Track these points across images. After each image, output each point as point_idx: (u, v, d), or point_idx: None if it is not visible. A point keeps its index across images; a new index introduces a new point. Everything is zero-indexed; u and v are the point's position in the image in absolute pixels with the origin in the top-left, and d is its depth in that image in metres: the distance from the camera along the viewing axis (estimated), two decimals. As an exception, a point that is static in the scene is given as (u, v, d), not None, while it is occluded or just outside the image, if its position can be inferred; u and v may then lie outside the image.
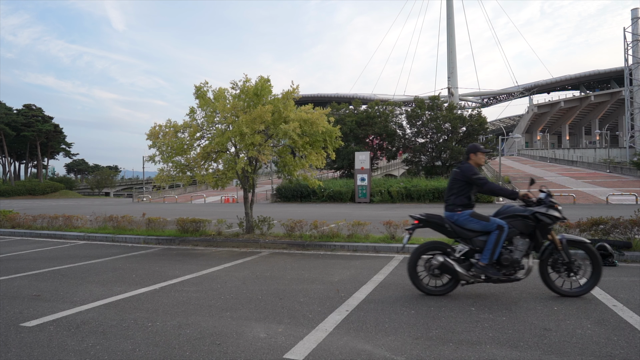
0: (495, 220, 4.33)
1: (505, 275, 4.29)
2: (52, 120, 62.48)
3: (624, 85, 60.81)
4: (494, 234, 4.24)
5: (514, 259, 4.26)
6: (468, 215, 4.40)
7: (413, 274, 4.52)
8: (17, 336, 3.39)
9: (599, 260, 4.31)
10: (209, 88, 9.08)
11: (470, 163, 4.63)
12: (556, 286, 4.41)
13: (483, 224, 4.33)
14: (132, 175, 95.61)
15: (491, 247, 4.22)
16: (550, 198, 4.44)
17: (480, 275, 4.30)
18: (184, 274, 5.77)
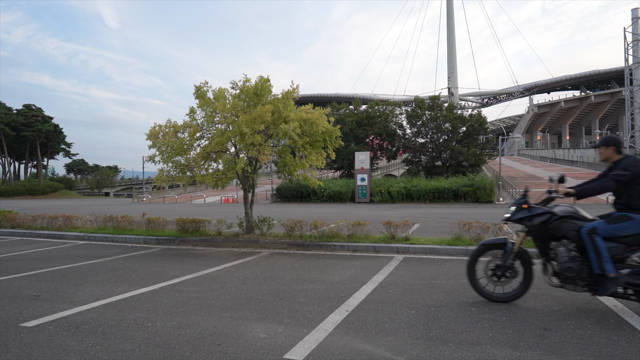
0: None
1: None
2: (51, 120, 62.49)
3: (624, 85, 60.82)
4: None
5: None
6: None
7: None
8: (17, 336, 3.38)
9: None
10: (209, 88, 9.08)
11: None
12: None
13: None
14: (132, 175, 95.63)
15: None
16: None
17: None
18: (183, 274, 5.76)
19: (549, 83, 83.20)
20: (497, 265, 4.28)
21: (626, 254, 3.75)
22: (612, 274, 3.65)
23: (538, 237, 4.15)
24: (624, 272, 3.66)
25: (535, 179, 38.88)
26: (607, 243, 3.76)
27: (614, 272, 3.65)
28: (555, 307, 4.01)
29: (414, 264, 6.37)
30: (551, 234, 4.06)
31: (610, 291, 3.70)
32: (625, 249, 3.75)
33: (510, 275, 4.27)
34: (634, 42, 57.33)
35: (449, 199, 26.58)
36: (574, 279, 3.87)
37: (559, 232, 4.00)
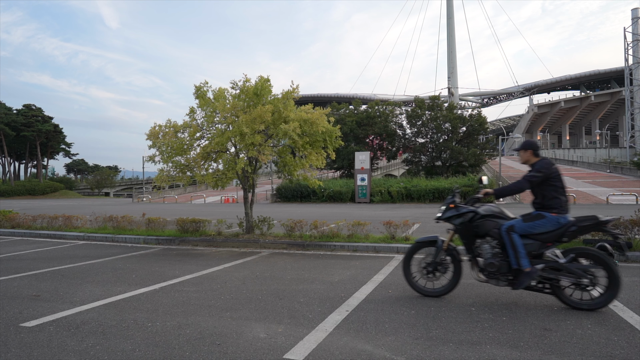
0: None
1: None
2: (51, 120, 62.47)
3: (624, 85, 60.81)
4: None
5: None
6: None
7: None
8: (17, 336, 3.38)
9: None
10: (209, 88, 9.08)
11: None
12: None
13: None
14: (132, 175, 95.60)
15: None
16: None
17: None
18: (184, 274, 5.76)
19: (549, 83, 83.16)
20: (429, 261, 4.52)
21: (542, 250, 4.03)
22: (527, 269, 3.93)
23: (464, 235, 4.40)
24: (539, 267, 3.94)
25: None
26: (525, 240, 4.03)
27: (529, 267, 3.93)
28: (555, 307, 4.01)
29: (414, 264, 6.36)
30: (476, 232, 4.32)
31: (526, 284, 3.98)
32: (541, 245, 4.03)
33: (441, 271, 4.50)
34: (634, 42, 57.32)
35: (449, 199, 26.55)
36: (496, 274, 4.13)
37: (482, 230, 4.27)
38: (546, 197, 4.08)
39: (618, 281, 3.79)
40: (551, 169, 4.07)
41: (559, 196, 4.04)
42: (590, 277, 3.85)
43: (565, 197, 4.08)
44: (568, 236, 3.99)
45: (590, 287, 3.86)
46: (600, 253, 3.90)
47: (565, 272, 3.91)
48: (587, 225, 3.95)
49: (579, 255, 4.00)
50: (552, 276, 3.94)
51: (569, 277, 3.90)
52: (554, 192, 4.05)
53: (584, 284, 3.85)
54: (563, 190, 4.09)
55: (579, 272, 3.86)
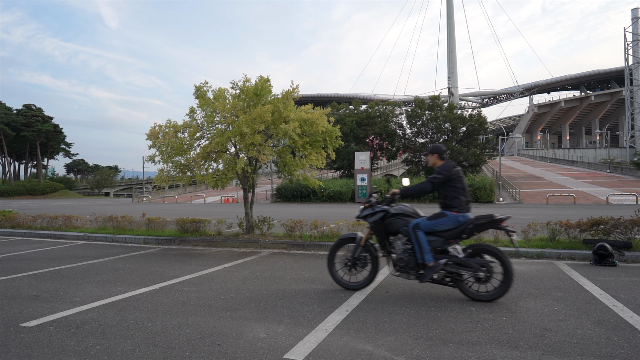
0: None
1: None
2: (51, 120, 62.47)
3: (624, 85, 60.81)
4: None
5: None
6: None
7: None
8: (17, 336, 3.38)
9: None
10: (209, 88, 9.08)
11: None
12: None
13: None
14: (132, 175, 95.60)
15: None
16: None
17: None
18: (184, 274, 5.76)
19: (549, 83, 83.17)
20: (349, 257, 4.85)
21: (445, 246, 4.37)
22: (431, 263, 4.27)
23: (378, 232, 4.69)
24: (441, 262, 4.27)
25: (536, 179, 38.89)
26: (430, 237, 4.36)
27: (432, 262, 4.27)
28: (556, 307, 4.01)
29: (414, 264, 6.36)
30: (388, 230, 4.63)
31: (429, 278, 4.30)
32: (445, 242, 4.36)
33: (360, 266, 4.82)
34: (634, 42, 57.33)
35: (449, 199, 26.56)
36: (405, 268, 4.45)
37: (393, 227, 4.58)
38: (447, 197, 4.40)
39: (511, 274, 4.12)
40: (452, 172, 4.40)
41: (459, 196, 4.36)
42: (486, 270, 4.18)
43: (465, 197, 4.40)
44: (467, 233, 4.32)
45: (486, 280, 4.19)
46: (497, 249, 4.27)
47: (464, 266, 4.23)
48: (484, 223, 4.29)
49: (480, 250, 4.32)
50: (454, 270, 4.25)
51: (468, 270, 4.21)
52: (454, 193, 4.37)
53: (481, 277, 4.18)
54: (463, 191, 4.41)
55: (476, 266, 4.19)
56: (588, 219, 7.21)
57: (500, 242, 7.42)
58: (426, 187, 4.51)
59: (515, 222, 11.07)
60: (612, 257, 6.10)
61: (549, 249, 6.88)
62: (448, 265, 4.27)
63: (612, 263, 6.06)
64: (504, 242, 7.37)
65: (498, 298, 4.20)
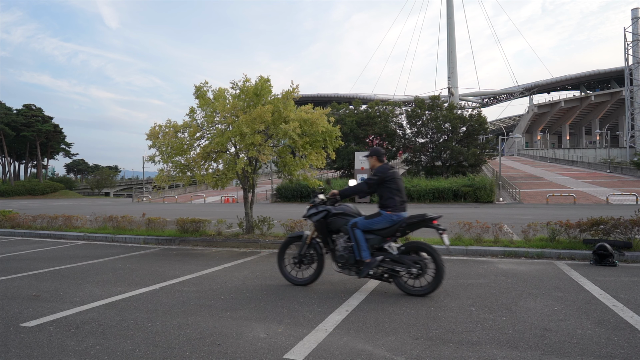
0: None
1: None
2: (51, 120, 62.46)
3: (624, 85, 60.80)
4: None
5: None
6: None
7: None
8: (17, 336, 3.38)
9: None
10: (209, 88, 9.08)
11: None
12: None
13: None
14: (132, 175, 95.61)
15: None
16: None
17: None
18: (184, 274, 5.76)
19: (549, 83, 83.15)
20: (296, 254, 5.09)
21: (382, 243, 4.60)
22: (368, 260, 4.52)
23: (321, 231, 4.93)
24: (378, 259, 4.51)
25: (536, 179, 38.88)
26: (368, 235, 4.59)
27: (369, 258, 4.52)
28: (555, 307, 4.01)
29: (414, 264, 6.36)
30: (330, 228, 4.87)
31: (366, 273, 4.54)
32: (382, 239, 4.59)
33: (307, 263, 5.06)
34: (634, 42, 57.32)
35: (449, 199, 26.59)
36: (346, 264, 4.70)
37: (334, 226, 4.84)
38: (383, 197, 4.64)
39: (442, 270, 4.37)
40: (386, 174, 4.63)
41: (394, 197, 4.59)
42: (418, 266, 4.43)
43: (400, 198, 4.63)
44: (401, 231, 4.57)
45: (420, 275, 4.44)
46: (429, 246, 4.50)
47: (399, 263, 4.47)
48: (416, 221, 4.54)
49: (414, 248, 4.56)
50: (389, 266, 4.50)
51: (402, 266, 4.46)
52: (389, 193, 4.60)
53: (414, 273, 4.42)
54: (398, 192, 4.63)
55: (410, 263, 4.44)
56: (588, 219, 7.21)
57: (500, 241, 7.42)
58: (362, 187, 4.83)
59: (515, 222, 11.08)
60: (612, 257, 6.10)
61: (549, 249, 6.88)
62: (385, 262, 4.51)
63: (612, 263, 6.06)
64: (504, 242, 7.37)
65: (430, 293, 4.43)
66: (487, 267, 6.07)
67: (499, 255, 6.93)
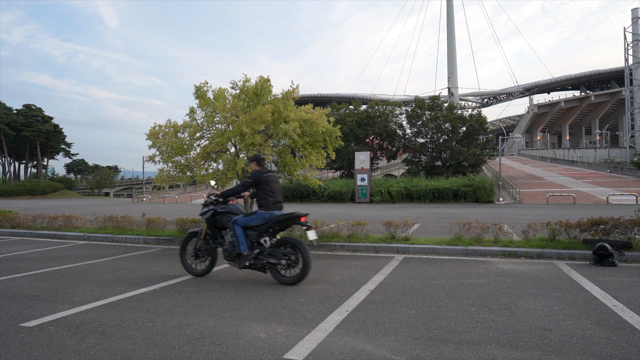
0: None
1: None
2: (51, 120, 62.46)
3: (624, 85, 60.79)
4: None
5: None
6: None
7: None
8: (17, 336, 3.38)
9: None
10: (209, 88, 9.09)
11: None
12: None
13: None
14: (132, 175, 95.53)
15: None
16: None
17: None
18: (184, 274, 5.76)
19: (549, 83, 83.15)
20: (193, 248, 5.65)
21: (259, 239, 5.18)
22: (245, 253, 5.09)
23: (210, 227, 5.52)
24: (255, 252, 5.06)
25: (536, 179, 38.89)
26: (248, 231, 5.17)
27: (247, 251, 5.09)
28: (555, 307, 4.01)
29: (414, 264, 6.37)
30: (217, 225, 5.45)
31: (244, 264, 5.09)
32: (259, 235, 5.17)
33: (202, 256, 5.60)
34: (634, 42, 57.33)
35: (449, 199, 26.58)
36: (230, 256, 5.27)
37: (221, 223, 5.42)
38: (259, 197, 5.25)
39: (307, 262, 4.88)
40: (260, 177, 5.24)
41: (267, 197, 5.19)
42: (287, 258, 4.96)
43: (273, 198, 5.22)
44: (273, 228, 5.14)
45: (290, 267, 4.98)
46: (297, 241, 5.01)
47: (272, 255, 5.02)
48: (285, 219, 5.12)
49: (284, 243, 5.09)
50: (264, 258, 5.04)
51: (274, 258, 4.99)
52: (263, 194, 5.21)
53: (283, 264, 4.96)
54: (272, 193, 5.22)
55: (280, 255, 4.98)
56: (588, 219, 7.21)
57: (500, 241, 7.42)
58: (239, 188, 5.46)
59: (515, 222, 11.08)
60: (612, 257, 6.10)
61: (549, 249, 6.88)
62: (261, 255, 5.05)
63: (612, 263, 6.06)
64: (504, 242, 7.37)
65: (298, 282, 4.96)
66: (487, 267, 6.07)
67: (499, 255, 6.93)
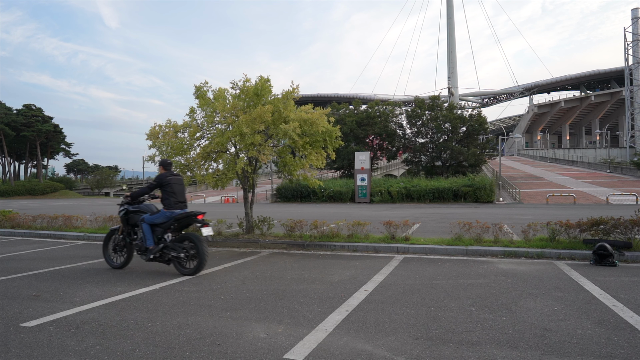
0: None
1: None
2: (51, 120, 62.45)
3: (624, 85, 60.80)
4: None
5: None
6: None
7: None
8: (17, 336, 3.38)
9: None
10: (209, 88, 9.08)
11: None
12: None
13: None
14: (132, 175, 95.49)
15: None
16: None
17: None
18: (184, 274, 5.76)
19: (549, 83, 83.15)
20: (113, 244, 6.34)
21: (164, 235, 5.81)
22: (151, 247, 5.75)
23: (125, 224, 6.17)
24: (160, 246, 5.71)
25: (536, 179, 38.89)
26: (156, 228, 5.81)
27: (152, 246, 5.75)
28: (555, 307, 4.01)
29: (414, 264, 6.37)
30: (130, 222, 6.11)
31: (150, 256, 5.74)
32: (164, 231, 5.81)
33: (119, 250, 6.27)
34: (634, 42, 57.33)
35: (449, 199, 26.58)
36: (140, 250, 5.91)
37: (133, 220, 6.09)
38: (162, 198, 5.88)
39: (203, 256, 5.52)
40: (163, 180, 5.85)
41: (169, 198, 5.81)
42: (186, 252, 5.61)
43: (175, 199, 5.84)
44: (174, 225, 5.78)
45: (189, 259, 5.63)
46: (194, 236, 5.60)
47: (172, 249, 5.64)
48: (184, 217, 5.76)
49: (184, 238, 5.69)
50: (167, 252, 5.67)
51: (175, 252, 5.62)
52: (166, 195, 5.82)
53: (182, 257, 5.59)
54: (173, 194, 5.84)
55: (180, 249, 5.61)
56: (588, 219, 7.21)
57: (500, 241, 7.42)
58: (144, 190, 6.13)
59: (515, 222, 11.09)
60: (612, 257, 6.10)
61: (549, 249, 6.88)
62: (166, 249, 5.67)
63: (612, 263, 6.06)
64: (504, 242, 7.37)
65: (195, 273, 5.58)
66: (487, 267, 6.07)
67: (499, 255, 6.93)
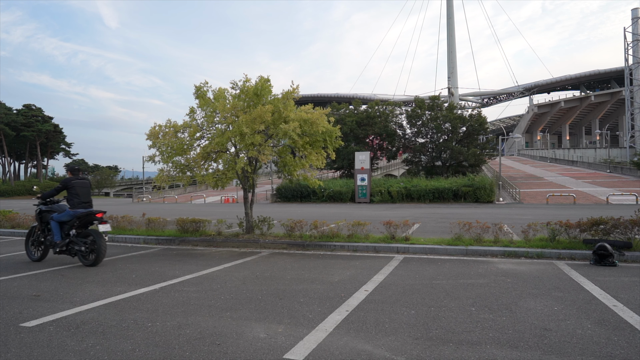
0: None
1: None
2: (51, 120, 62.46)
3: (624, 85, 60.80)
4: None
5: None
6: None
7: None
8: (17, 336, 3.38)
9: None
10: (209, 88, 9.08)
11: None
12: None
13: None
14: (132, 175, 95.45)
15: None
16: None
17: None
18: (184, 274, 5.76)
19: (549, 83, 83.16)
20: (32, 239, 7.17)
21: (70, 230, 6.65)
22: (58, 241, 6.65)
23: (40, 222, 7.03)
24: (65, 241, 6.62)
25: (536, 179, 38.89)
26: (64, 225, 6.69)
27: (59, 240, 6.66)
28: (555, 307, 4.01)
29: (414, 264, 6.37)
30: (43, 220, 6.97)
31: (57, 249, 6.62)
32: (70, 228, 6.67)
33: (37, 245, 7.08)
34: (634, 42, 57.33)
35: (449, 199, 26.59)
36: (50, 245, 6.78)
37: (45, 219, 6.95)
38: (68, 199, 6.76)
39: (100, 249, 6.40)
40: (68, 183, 6.71)
41: (73, 199, 6.68)
42: (86, 246, 6.47)
43: (78, 200, 6.68)
44: (77, 223, 6.67)
45: (89, 252, 6.47)
46: (95, 232, 6.53)
47: (75, 244, 6.53)
48: (84, 215, 6.64)
49: (86, 234, 6.58)
50: (72, 245, 6.56)
51: (77, 246, 6.50)
52: (70, 197, 6.70)
53: (83, 250, 6.48)
54: (77, 196, 6.69)
55: (81, 244, 6.50)
56: (588, 219, 7.21)
57: (500, 242, 7.42)
58: (51, 192, 7.09)
59: (515, 222, 11.09)
60: (612, 257, 6.10)
61: (549, 249, 6.88)
62: (71, 243, 6.55)
63: (612, 263, 6.06)
64: (504, 242, 7.37)
65: (94, 265, 6.44)
66: (487, 267, 6.07)
67: (499, 255, 6.93)
